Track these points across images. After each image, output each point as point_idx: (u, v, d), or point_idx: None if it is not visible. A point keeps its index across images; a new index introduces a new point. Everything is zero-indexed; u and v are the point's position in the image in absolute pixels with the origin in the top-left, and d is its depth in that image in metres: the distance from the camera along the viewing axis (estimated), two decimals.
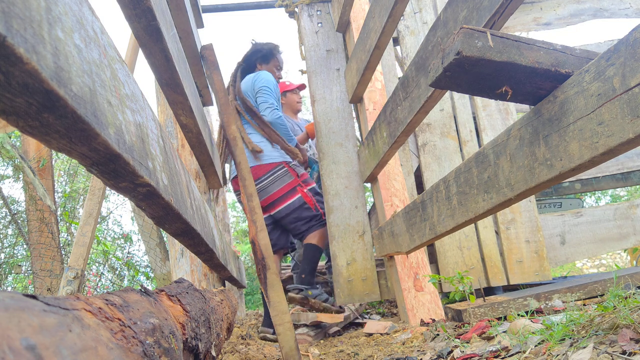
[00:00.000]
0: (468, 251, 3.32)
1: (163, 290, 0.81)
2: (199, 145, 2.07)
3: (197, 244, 1.27)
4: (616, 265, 3.33)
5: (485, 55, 1.08)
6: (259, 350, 1.94)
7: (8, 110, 0.40)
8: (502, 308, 2.05)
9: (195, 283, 2.50)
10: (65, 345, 0.28)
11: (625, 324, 1.05)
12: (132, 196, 0.72)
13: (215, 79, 1.93)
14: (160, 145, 0.83)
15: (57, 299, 0.33)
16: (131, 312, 0.49)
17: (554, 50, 1.11)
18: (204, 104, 2.99)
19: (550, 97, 1.12)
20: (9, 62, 0.35)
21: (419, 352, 1.63)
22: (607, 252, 3.56)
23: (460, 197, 1.59)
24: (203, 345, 0.84)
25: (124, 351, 0.40)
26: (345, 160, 3.27)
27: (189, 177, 1.15)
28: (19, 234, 5.17)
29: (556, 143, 1.10)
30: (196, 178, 2.70)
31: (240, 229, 10.18)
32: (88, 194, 2.69)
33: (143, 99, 0.77)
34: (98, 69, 0.53)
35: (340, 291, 3.23)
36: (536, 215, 3.39)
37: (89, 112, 0.47)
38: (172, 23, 1.42)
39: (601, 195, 10.26)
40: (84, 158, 0.54)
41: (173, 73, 1.36)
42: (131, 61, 2.88)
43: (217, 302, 1.27)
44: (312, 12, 3.71)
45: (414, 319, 2.52)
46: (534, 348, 1.18)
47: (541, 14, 4.14)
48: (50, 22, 0.41)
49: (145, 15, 1.08)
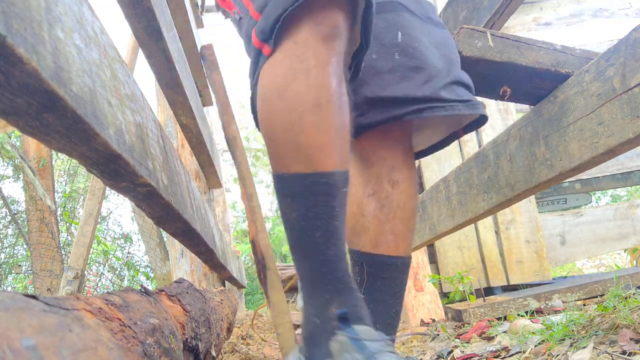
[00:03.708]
0: (468, 251, 3.32)
1: (163, 290, 0.81)
2: (199, 145, 2.07)
3: (197, 244, 1.27)
4: (616, 265, 3.33)
5: (485, 56, 1.08)
6: (259, 350, 1.94)
7: (8, 110, 0.40)
8: (502, 308, 2.05)
9: (195, 283, 2.50)
10: (65, 345, 0.28)
11: (625, 324, 1.05)
12: (132, 196, 0.72)
13: (215, 79, 1.93)
14: (160, 145, 0.83)
15: (57, 299, 0.33)
16: (131, 312, 0.49)
17: (554, 50, 1.11)
18: (204, 104, 2.99)
19: (550, 97, 1.12)
20: (9, 62, 0.35)
21: (419, 352, 1.63)
22: (607, 252, 3.56)
23: (460, 197, 1.59)
24: (203, 345, 0.84)
25: (124, 351, 0.40)
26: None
27: (189, 177, 1.15)
28: (19, 234, 5.17)
29: (556, 143, 1.10)
30: (196, 178, 2.70)
31: (240, 229, 10.19)
32: (88, 194, 2.69)
33: (143, 99, 0.77)
34: (98, 69, 0.53)
35: None
36: (536, 215, 3.39)
37: (89, 112, 0.47)
38: (172, 23, 1.42)
39: (601, 195, 10.25)
40: (84, 158, 0.54)
41: (173, 73, 1.36)
42: (131, 61, 2.88)
43: (217, 302, 1.27)
44: None
45: (414, 319, 2.52)
46: (534, 348, 1.18)
47: (541, 14, 4.14)
48: (50, 22, 0.41)
49: (145, 15, 1.08)
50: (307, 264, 0.73)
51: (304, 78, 0.71)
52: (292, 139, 0.72)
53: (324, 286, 0.71)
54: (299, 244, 0.74)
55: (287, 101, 0.72)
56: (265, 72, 0.76)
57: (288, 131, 0.72)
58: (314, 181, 0.72)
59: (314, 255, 0.72)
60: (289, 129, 0.72)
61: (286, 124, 0.72)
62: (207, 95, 2.83)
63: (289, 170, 0.73)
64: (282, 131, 0.73)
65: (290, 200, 0.74)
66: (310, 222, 0.71)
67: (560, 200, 4.46)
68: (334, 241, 0.72)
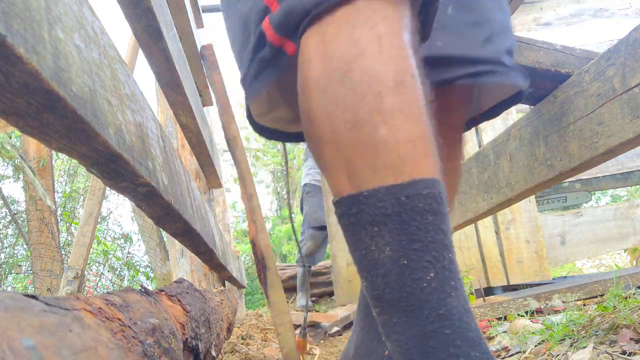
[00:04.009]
0: (468, 251, 3.32)
1: (163, 290, 0.81)
2: (199, 145, 2.07)
3: (197, 244, 1.27)
4: (616, 265, 3.33)
5: None
6: (259, 350, 1.94)
7: (8, 110, 0.40)
8: (502, 308, 2.05)
9: (195, 283, 2.50)
10: (65, 345, 0.28)
11: (625, 324, 1.05)
12: (132, 196, 0.72)
13: (215, 79, 1.93)
14: (160, 145, 0.83)
15: (57, 299, 0.34)
16: (131, 312, 0.49)
17: (554, 50, 1.11)
18: (204, 104, 2.99)
19: (550, 97, 1.12)
20: (9, 62, 0.35)
21: None
22: (607, 252, 3.56)
23: (460, 197, 1.59)
24: (203, 345, 0.84)
25: (124, 351, 0.40)
26: None
27: (189, 177, 1.16)
28: (19, 234, 5.18)
29: (556, 143, 1.10)
30: (196, 178, 2.70)
31: (240, 229, 10.19)
32: (88, 194, 2.69)
33: (143, 99, 0.77)
34: (98, 69, 0.53)
35: (341, 291, 3.24)
36: (536, 215, 3.39)
37: (89, 112, 0.47)
38: (172, 23, 1.42)
39: (601, 195, 10.25)
40: (84, 158, 0.54)
41: (173, 73, 1.36)
42: (131, 61, 2.88)
43: (217, 302, 1.27)
44: None
45: None
46: (534, 348, 1.18)
47: (541, 14, 4.14)
48: (50, 22, 0.41)
49: (145, 15, 1.08)
50: (416, 327, 0.49)
51: (376, 49, 0.52)
52: (369, 135, 0.51)
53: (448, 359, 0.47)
54: (399, 297, 0.49)
55: (354, 84, 0.52)
56: (309, 56, 0.56)
57: (360, 126, 0.52)
58: (414, 194, 0.50)
59: (428, 310, 0.48)
60: (362, 123, 0.51)
61: (356, 117, 0.52)
62: (207, 95, 2.83)
63: (367, 185, 0.51)
64: (350, 128, 0.52)
65: (376, 231, 0.50)
66: (417, 258, 0.49)
67: (560, 198, 4.46)
68: (454, 284, 0.50)
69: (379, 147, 0.50)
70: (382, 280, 0.51)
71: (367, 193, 0.51)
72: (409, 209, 0.49)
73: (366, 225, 0.51)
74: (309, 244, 3.47)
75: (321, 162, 0.57)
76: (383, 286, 0.51)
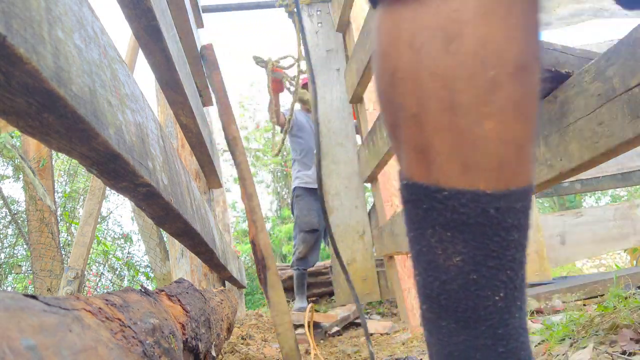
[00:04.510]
0: None
1: (163, 290, 0.81)
2: (199, 145, 2.07)
3: (197, 244, 1.27)
4: (616, 265, 3.33)
5: None
6: (259, 350, 1.94)
7: (8, 110, 0.40)
8: None
9: (195, 283, 2.50)
10: (65, 345, 0.28)
11: (625, 324, 1.05)
12: (132, 196, 0.72)
13: (215, 79, 1.94)
14: (160, 145, 0.83)
15: (57, 299, 0.34)
16: (131, 312, 0.49)
17: (554, 50, 1.11)
18: (204, 104, 2.99)
19: (550, 97, 1.12)
20: (9, 62, 0.35)
21: (419, 352, 1.62)
22: (607, 252, 3.56)
23: None
24: (203, 345, 0.84)
25: (124, 351, 0.40)
26: (345, 160, 3.27)
27: (189, 177, 1.16)
28: (19, 234, 5.18)
29: (556, 143, 1.10)
30: (196, 178, 2.70)
31: (240, 229, 10.19)
32: (88, 194, 2.70)
33: (143, 99, 0.77)
34: (98, 69, 0.53)
35: (341, 291, 3.24)
36: (536, 215, 3.39)
37: (89, 112, 0.47)
38: (172, 23, 1.42)
39: (601, 195, 10.26)
40: (84, 158, 0.54)
41: (173, 73, 1.36)
42: (131, 61, 2.88)
43: (217, 302, 1.27)
44: (312, 12, 3.71)
45: (414, 319, 2.52)
46: (534, 348, 1.18)
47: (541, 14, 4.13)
48: (50, 22, 0.41)
49: (145, 15, 1.08)
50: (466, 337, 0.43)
51: (503, 13, 0.39)
52: (467, 127, 0.40)
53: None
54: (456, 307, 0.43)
55: (462, 55, 0.39)
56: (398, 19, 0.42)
57: (458, 113, 0.40)
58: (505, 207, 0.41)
59: (486, 327, 0.42)
60: (462, 110, 0.39)
61: (455, 98, 0.39)
62: (207, 95, 2.83)
63: (450, 183, 0.41)
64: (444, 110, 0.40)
65: (448, 236, 0.42)
66: (489, 276, 0.42)
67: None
68: (520, 304, 0.44)
69: (477, 145, 0.40)
70: (440, 285, 0.43)
71: (447, 193, 0.41)
72: (495, 223, 0.41)
73: (436, 225, 0.42)
74: (301, 248, 3.46)
75: (395, 133, 0.45)
76: (439, 291, 0.44)
